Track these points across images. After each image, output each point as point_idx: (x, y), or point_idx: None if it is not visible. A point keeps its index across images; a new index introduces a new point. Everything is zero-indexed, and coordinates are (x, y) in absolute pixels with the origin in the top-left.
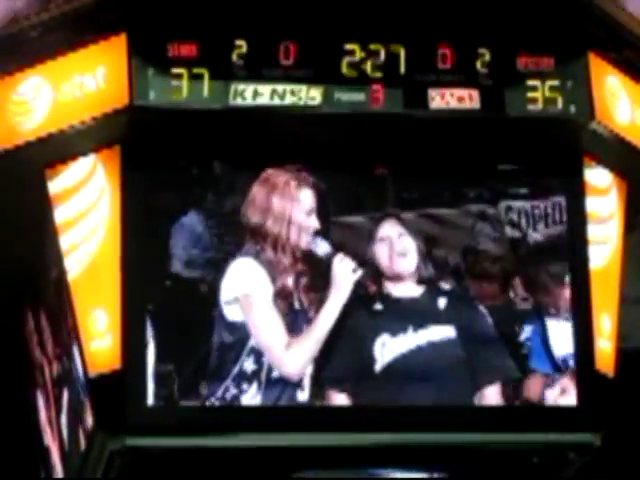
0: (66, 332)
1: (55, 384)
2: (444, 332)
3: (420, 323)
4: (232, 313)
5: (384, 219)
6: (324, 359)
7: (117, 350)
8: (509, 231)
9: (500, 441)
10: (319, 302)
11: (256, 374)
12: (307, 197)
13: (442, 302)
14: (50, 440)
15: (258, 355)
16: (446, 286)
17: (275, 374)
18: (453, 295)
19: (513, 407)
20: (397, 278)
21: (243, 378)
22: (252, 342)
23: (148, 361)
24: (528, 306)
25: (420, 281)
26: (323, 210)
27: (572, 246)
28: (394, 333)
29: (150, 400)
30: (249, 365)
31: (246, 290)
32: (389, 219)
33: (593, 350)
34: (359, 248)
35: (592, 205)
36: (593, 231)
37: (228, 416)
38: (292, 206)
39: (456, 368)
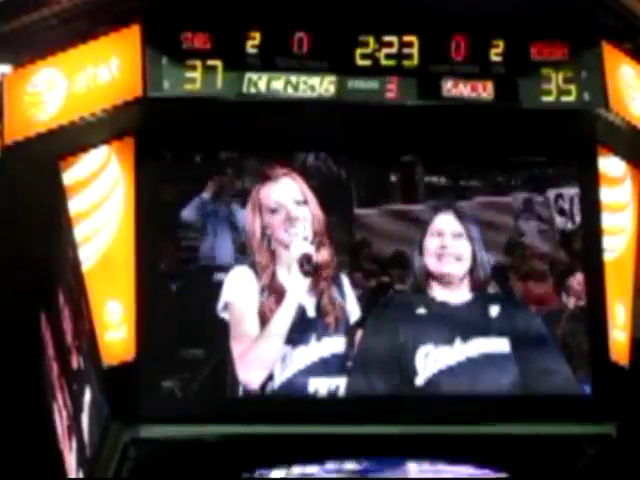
0: (84, 323)
1: (76, 380)
2: (496, 345)
3: (469, 333)
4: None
5: (439, 211)
6: (358, 370)
7: (132, 341)
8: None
9: (516, 432)
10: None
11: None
12: (287, 188)
13: (494, 310)
14: (67, 449)
15: None
16: (494, 290)
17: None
18: (505, 302)
19: (528, 397)
20: (444, 281)
21: None
22: None
23: (163, 352)
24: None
25: (474, 288)
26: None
27: (586, 236)
28: (438, 342)
29: (164, 390)
30: None
31: (232, 297)
32: (445, 212)
33: (608, 340)
34: (402, 237)
35: (606, 195)
36: (607, 221)
37: (244, 406)
38: (268, 200)
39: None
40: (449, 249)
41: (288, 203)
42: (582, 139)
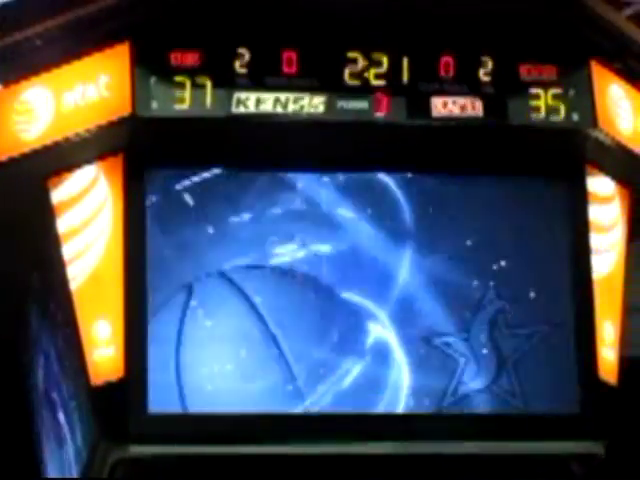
0: (72, 341)
1: (62, 408)
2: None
3: None
4: None
5: None
6: None
7: (120, 359)
8: None
9: (502, 450)
10: None
11: None
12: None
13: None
14: (51, 464)
15: None
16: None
17: None
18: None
19: (515, 415)
20: None
21: None
22: None
23: (151, 370)
24: None
25: None
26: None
27: (575, 254)
28: None
29: (153, 409)
30: None
31: None
32: None
33: (596, 358)
34: None
35: (595, 213)
36: (596, 239)
37: (234, 424)
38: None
39: None
40: None
41: None
42: (571, 158)
